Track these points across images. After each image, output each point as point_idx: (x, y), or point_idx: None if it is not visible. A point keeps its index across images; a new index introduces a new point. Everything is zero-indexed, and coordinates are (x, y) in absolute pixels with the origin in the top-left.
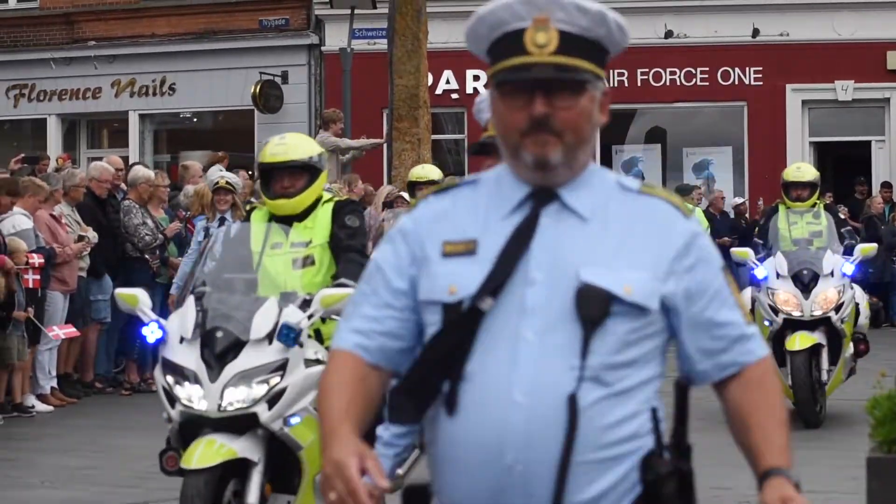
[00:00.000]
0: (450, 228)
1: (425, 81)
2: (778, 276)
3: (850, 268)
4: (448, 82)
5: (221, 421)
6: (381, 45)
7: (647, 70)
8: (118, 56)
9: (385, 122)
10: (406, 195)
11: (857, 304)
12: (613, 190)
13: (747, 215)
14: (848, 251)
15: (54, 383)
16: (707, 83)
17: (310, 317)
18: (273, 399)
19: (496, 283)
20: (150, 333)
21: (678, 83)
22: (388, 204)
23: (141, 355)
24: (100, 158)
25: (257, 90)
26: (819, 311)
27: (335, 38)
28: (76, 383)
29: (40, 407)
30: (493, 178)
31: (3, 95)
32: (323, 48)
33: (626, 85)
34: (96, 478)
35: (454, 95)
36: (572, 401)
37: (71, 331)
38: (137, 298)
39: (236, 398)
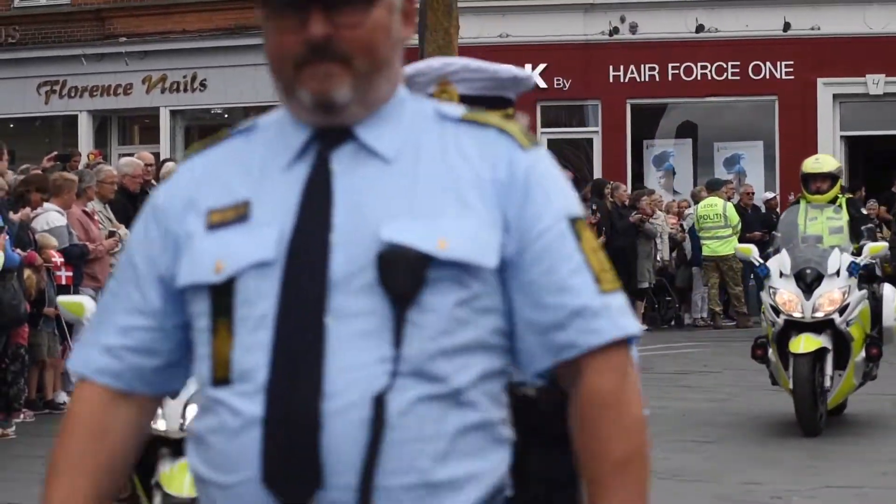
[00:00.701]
0: (217, 192)
1: None
2: (782, 274)
3: (854, 268)
4: None
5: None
6: (413, 40)
7: (678, 64)
8: (149, 52)
9: None
10: None
11: (875, 306)
12: (428, 121)
13: (778, 210)
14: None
15: None
16: (738, 77)
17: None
18: (842, 310)
19: (275, 253)
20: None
21: (709, 77)
22: None
23: None
24: (131, 155)
25: None
26: (820, 313)
27: None
28: None
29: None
30: (272, 121)
31: (34, 92)
32: None
33: (658, 79)
34: None
35: None
36: (378, 404)
37: None
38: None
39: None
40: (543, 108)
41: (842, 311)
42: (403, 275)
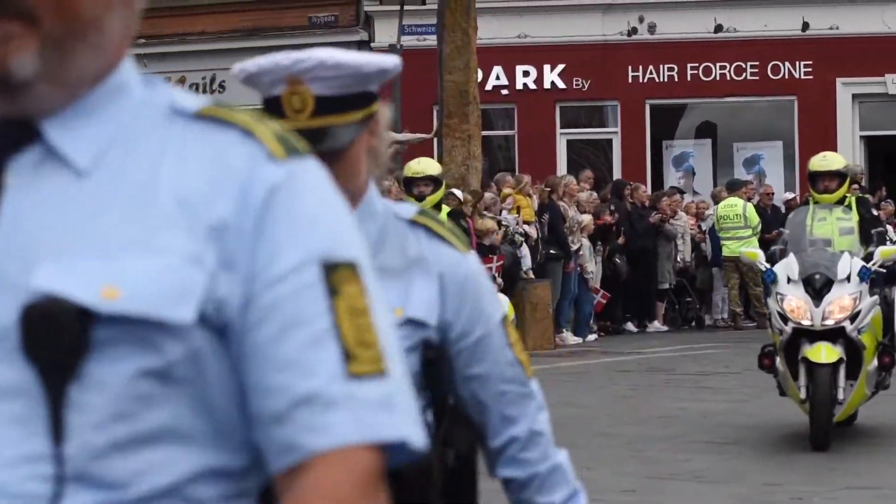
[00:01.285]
0: None
1: (475, 77)
2: (790, 280)
3: (865, 272)
4: (498, 78)
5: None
6: (431, 41)
7: (696, 65)
8: (167, 54)
9: (435, 118)
10: (458, 193)
11: (887, 312)
12: (154, 117)
13: None
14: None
15: None
16: (757, 77)
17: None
18: (853, 318)
19: None
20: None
21: (728, 78)
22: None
23: None
24: None
25: None
26: (831, 321)
27: (384, 35)
28: None
29: None
30: None
31: None
32: (372, 45)
33: (676, 80)
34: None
35: (504, 91)
36: None
37: None
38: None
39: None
40: (562, 109)
41: (853, 318)
42: (56, 337)
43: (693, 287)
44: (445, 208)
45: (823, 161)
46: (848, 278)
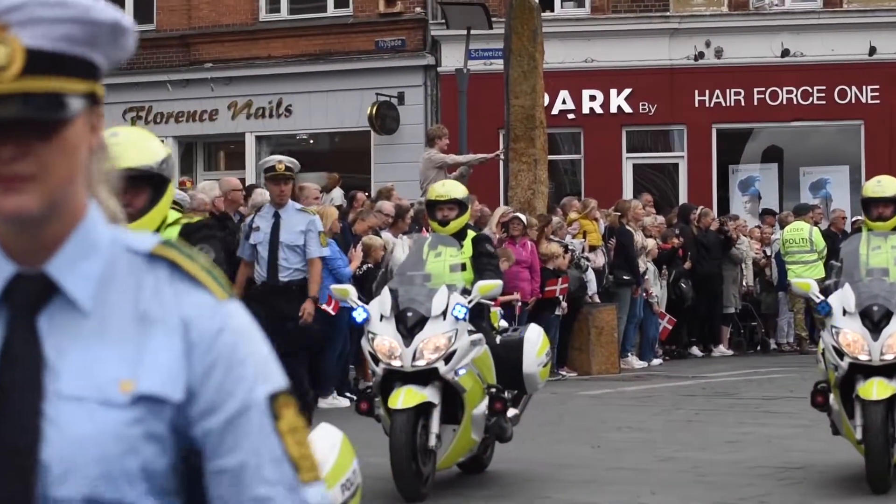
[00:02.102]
0: None
1: (541, 101)
2: (845, 312)
3: None
4: (564, 102)
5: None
6: (497, 65)
7: (763, 89)
8: (234, 78)
9: (501, 142)
10: (522, 216)
11: None
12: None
13: None
14: None
15: None
16: (824, 102)
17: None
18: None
19: None
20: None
21: (795, 102)
22: (504, 226)
23: None
24: (216, 180)
25: (374, 111)
26: (891, 356)
27: (451, 59)
28: None
29: None
30: None
31: (119, 118)
32: (439, 69)
33: (743, 104)
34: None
35: (570, 115)
36: None
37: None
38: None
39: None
40: (629, 133)
41: None
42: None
43: (758, 311)
44: (471, 233)
45: (878, 186)
46: None
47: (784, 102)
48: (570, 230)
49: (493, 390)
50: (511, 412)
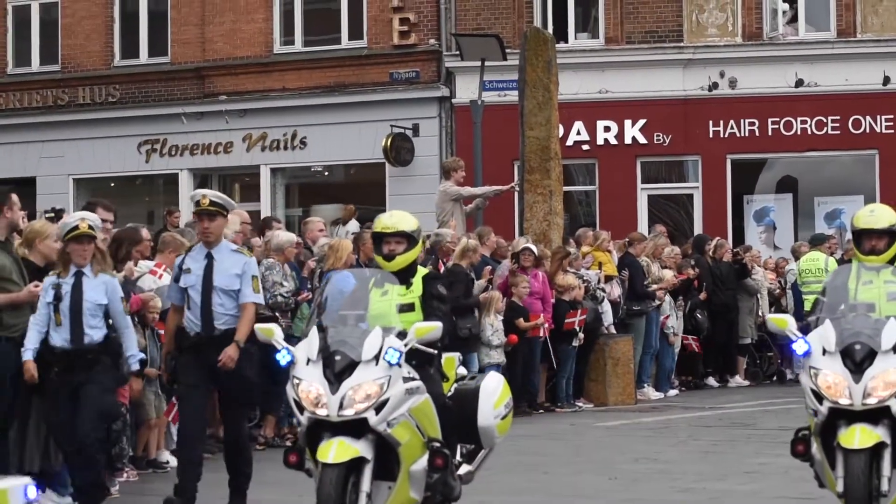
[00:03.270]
0: None
1: (556, 133)
2: (825, 351)
3: None
4: (578, 133)
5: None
6: (512, 96)
7: (777, 119)
8: (249, 110)
9: (516, 174)
10: (532, 247)
11: None
12: None
13: None
14: None
15: None
16: (838, 131)
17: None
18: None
19: None
20: (282, 358)
21: (809, 132)
22: (514, 256)
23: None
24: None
25: (388, 143)
26: (874, 399)
27: (466, 91)
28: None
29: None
30: None
31: (135, 150)
32: (454, 100)
33: (757, 134)
34: None
35: (585, 146)
36: None
37: None
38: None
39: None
40: (643, 164)
41: None
42: None
43: (774, 341)
44: (422, 270)
45: (871, 217)
46: (894, 349)
47: (798, 132)
48: (585, 262)
49: (435, 445)
50: (464, 469)
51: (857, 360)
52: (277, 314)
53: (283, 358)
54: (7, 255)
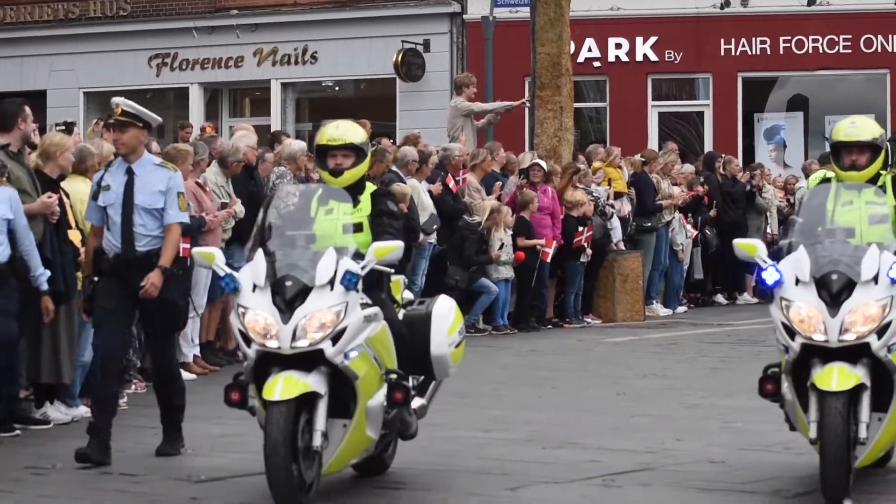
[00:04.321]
0: None
1: (567, 49)
2: (798, 281)
3: (889, 261)
4: (590, 50)
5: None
6: (524, 13)
7: (789, 38)
8: (260, 25)
9: (527, 90)
10: (542, 162)
11: None
12: None
13: None
14: None
15: (197, 351)
16: (850, 51)
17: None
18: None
19: None
20: (225, 285)
21: (820, 51)
22: (523, 172)
23: None
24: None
25: (399, 59)
26: (852, 335)
27: (477, 6)
28: (219, 351)
29: (184, 375)
30: None
31: (145, 64)
32: (465, 16)
33: (769, 53)
34: (240, 445)
35: (596, 63)
36: None
37: None
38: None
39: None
40: (654, 82)
41: (881, 331)
42: None
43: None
44: (370, 187)
45: (852, 129)
46: (875, 279)
47: (810, 51)
48: (595, 178)
49: (393, 377)
50: (416, 402)
51: (834, 291)
52: None
53: (226, 285)
54: (20, 166)
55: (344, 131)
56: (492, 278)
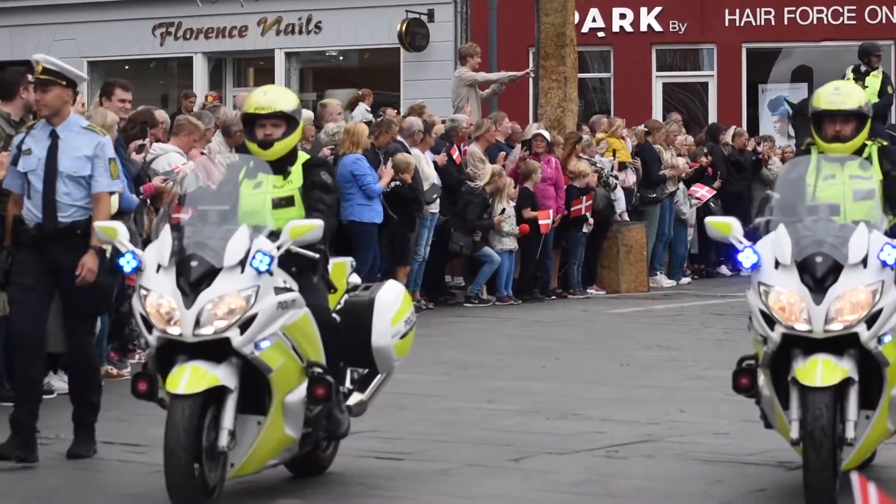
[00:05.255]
0: None
1: (572, 20)
2: (778, 264)
3: (891, 253)
4: (594, 20)
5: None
6: None
7: (793, 8)
8: None
9: (531, 60)
10: (545, 133)
11: None
12: None
13: None
14: None
15: None
16: (854, 22)
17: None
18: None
19: None
20: (126, 263)
21: (825, 21)
22: (526, 143)
23: None
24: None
25: (403, 28)
26: (839, 325)
27: None
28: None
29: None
30: None
31: (149, 34)
32: None
33: (773, 23)
34: None
35: (600, 34)
36: None
37: None
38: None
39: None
40: (658, 52)
41: (870, 320)
42: None
43: None
44: (302, 156)
45: (835, 95)
46: (864, 262)
47: (814, 22)
48: (599, 149)
49: (316, 370)
50: (354, 398)
51: (819, 275)
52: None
53: (127, 263)
54: None
55: (273, 98)
56: (495, 249)
